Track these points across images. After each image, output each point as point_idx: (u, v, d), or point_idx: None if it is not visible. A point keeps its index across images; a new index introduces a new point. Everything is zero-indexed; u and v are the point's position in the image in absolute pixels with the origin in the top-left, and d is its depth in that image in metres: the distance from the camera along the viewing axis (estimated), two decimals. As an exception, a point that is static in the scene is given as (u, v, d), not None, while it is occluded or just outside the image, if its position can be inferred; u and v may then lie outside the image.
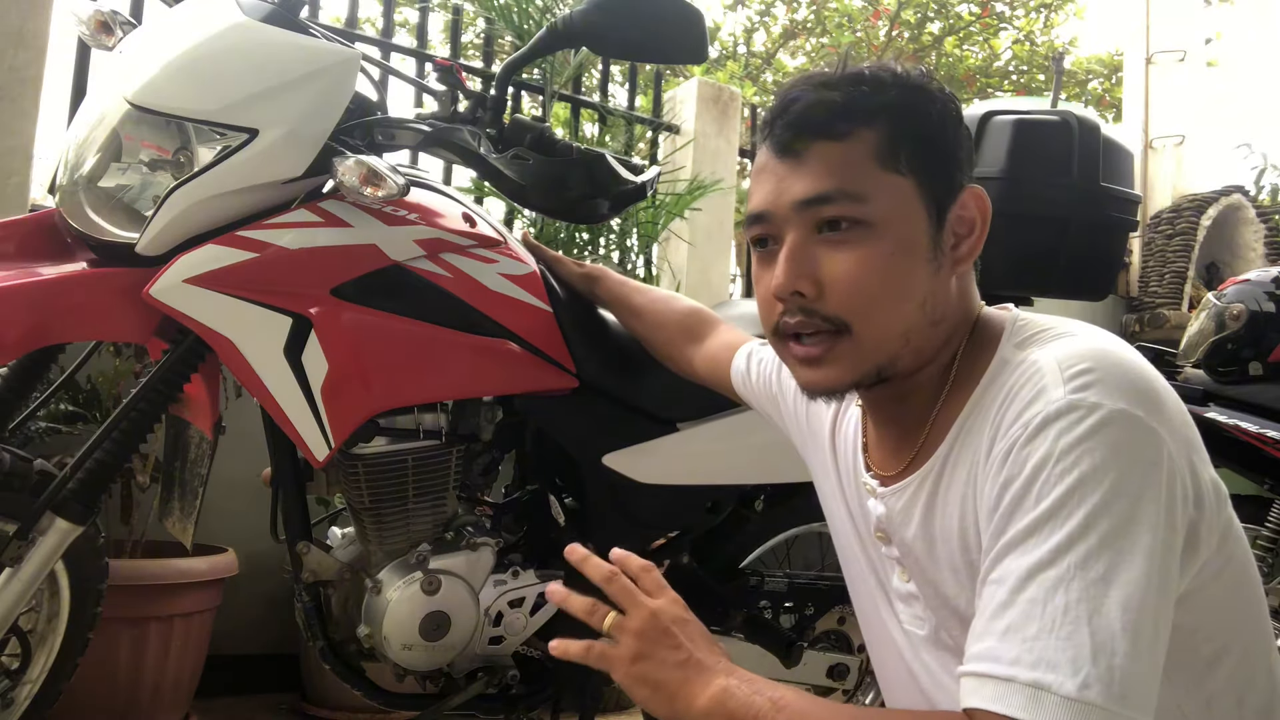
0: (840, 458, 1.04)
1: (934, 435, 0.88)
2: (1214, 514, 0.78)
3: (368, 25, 5.87)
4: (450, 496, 1.43)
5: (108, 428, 1.24)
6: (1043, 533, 0.70)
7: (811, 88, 0.86)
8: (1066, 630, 0.66)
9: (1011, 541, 0.72)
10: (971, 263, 0.89)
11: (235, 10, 1.25)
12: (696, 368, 1.39)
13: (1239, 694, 0.82)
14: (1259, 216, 4.80)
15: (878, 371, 0.85)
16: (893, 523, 0.93)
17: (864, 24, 9.49)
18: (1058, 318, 0.87)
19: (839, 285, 0.83)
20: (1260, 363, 2.30)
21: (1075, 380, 0.74)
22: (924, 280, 0.85)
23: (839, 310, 0.83)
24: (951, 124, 0.88)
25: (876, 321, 0.83)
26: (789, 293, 0.84)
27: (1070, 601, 0.67)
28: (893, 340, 0.84)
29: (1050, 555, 0.69)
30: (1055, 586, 0.68)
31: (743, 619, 1.69)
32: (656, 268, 3.33)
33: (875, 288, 0.83)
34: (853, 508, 1.02)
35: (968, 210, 0.87)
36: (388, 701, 1.45)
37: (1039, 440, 0.73)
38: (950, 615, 0.88)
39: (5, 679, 1.40)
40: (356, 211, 1.29)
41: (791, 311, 0.85)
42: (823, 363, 0.86)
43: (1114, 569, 0.68)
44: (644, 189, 1.42)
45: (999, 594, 0.71)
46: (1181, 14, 5.14)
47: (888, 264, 0.83)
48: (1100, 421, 0.72)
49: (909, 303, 0.84)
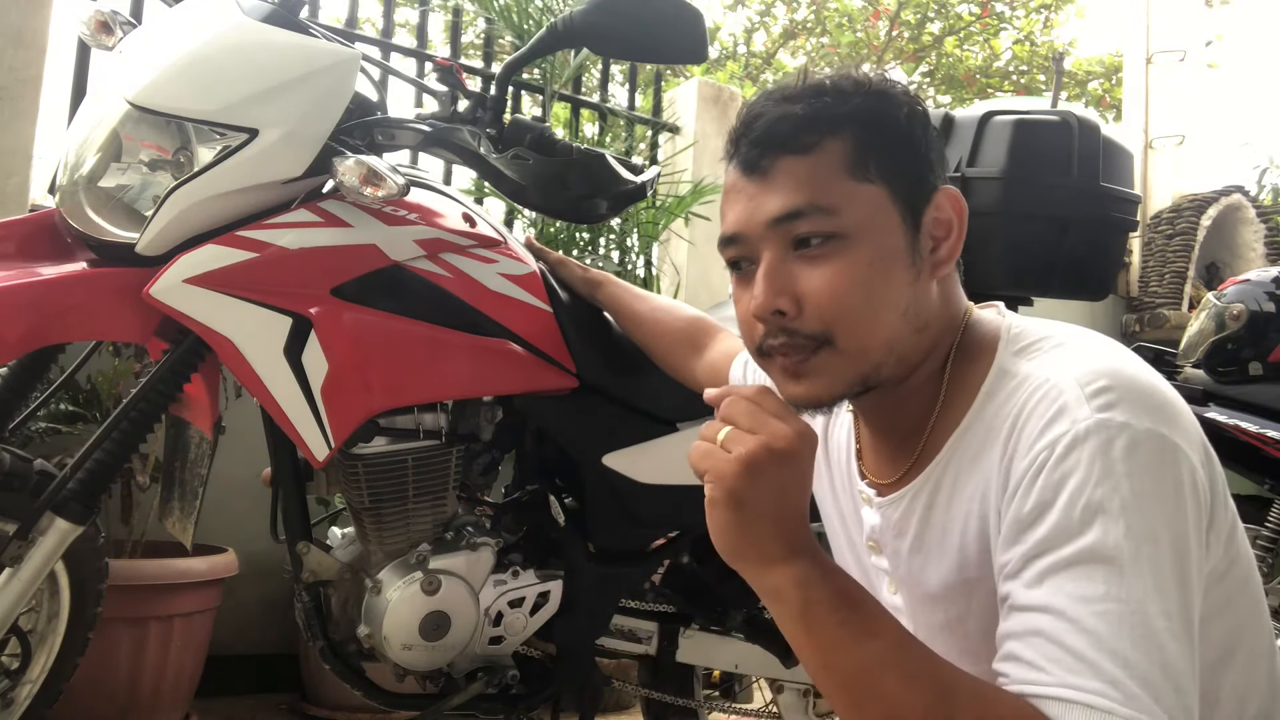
0: (833, 464, 1.03)
1: (931, 444, 0.87)
2: (1220, 517, 0.78)
3: (368, 25, 5.87)
4: (450, 496, 1.43)
5: (108, 428, 1.24)
6: (1091, 563, 0.69)
7: (773, 103, 0.85)
8: (1143, 669, 0.65)
9: (1053, 568, 0.70)
10: (952, 265, 0.87)
11: (235, 10, 1.25)
12: (698, 376, 1.39)
13: (1241, 696, 0.82)
14: (1259, 216, 4.80)
15: (862, 382, 0.84)
16: (886, 533, 0.91)
17: (864, 24, 9.48)
18: (1050, 322, 0.86)
19: (818, 300, 0.81)
20: (1260, 363, 2.30)
21: (1098, 399, 0.73)
22: (904, 288, 0.83)
23: (820, 325, 0.82)
24: (919, 126, 0.86)
25: (858, 332, 0.82)
26: (769, 312, 0.83)
27: (1137, 638, 0.66)
28: (876, 350, 0.83)
29: (1105, 587, 0.68)
30: (1120, 621, 0.67)
31: (743, 619, 1.69)
32: (657, 268, 3.33)
33: (855, 299, 0.81)
34: (846, 514, 1.01)
35: (943, 212, 0.86)
36: (388, 701, 1.45)
37: (1071, 462, 0.71)
38: (938, 630, 0.87)
39: (5, 679, 1.40)
40: (356, 211, 1.29)
41: (773, 332, 0.84)
42: (806, 376, 0.84)
43: (1164, 600, 0.68)
44: (644, 189, 1.43)
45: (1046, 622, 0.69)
46: (1181, 14, 5.13)
47: (866, 275, 0.81)
48: (1131, 443, 0.71)
49: (891, 312, 0.83)
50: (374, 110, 1.38)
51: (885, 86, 0.86)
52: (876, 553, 0.95)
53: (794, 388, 0.85)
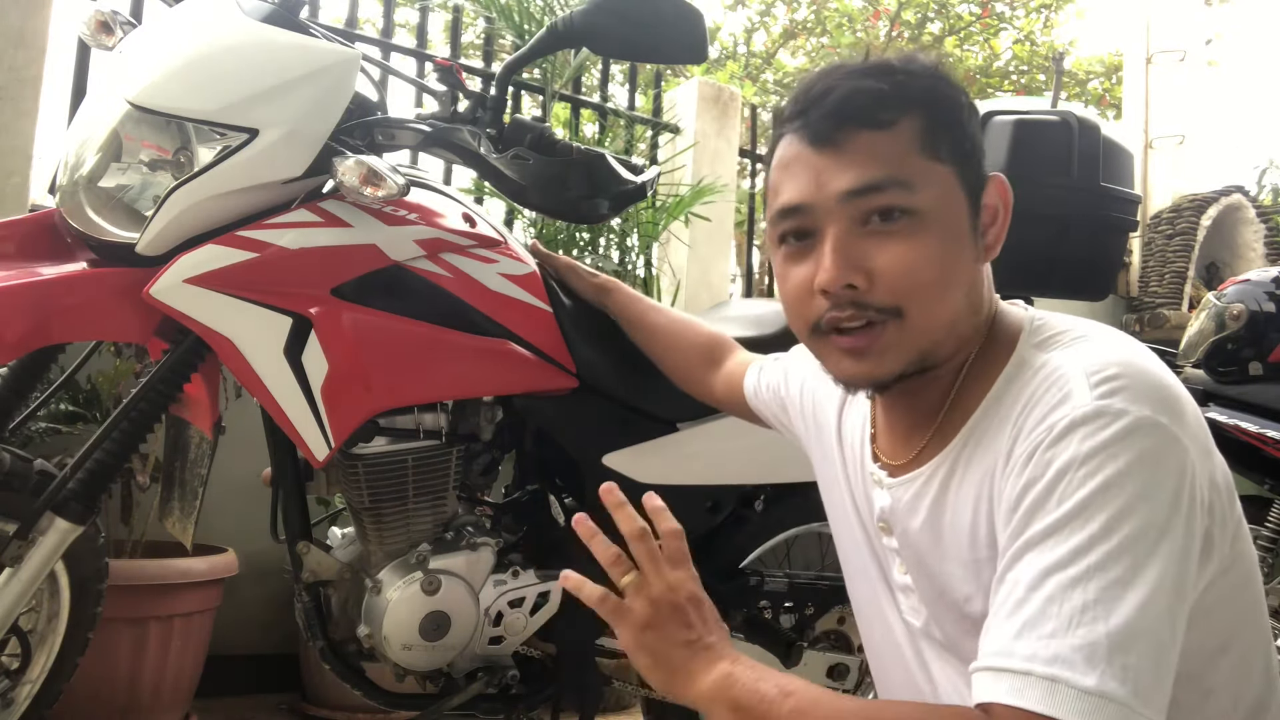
0: (847, 447, 1.04)
1: (947, 428, 0.88)
2: (1226, 515, 0.78)
3: (368, 25, 5.87)
4: (450, 496, 1.43)
5: (108, 428, 1.24)
6: (1062, 534, 0.70)
7: (844, 77, 0.85)
8: (1084, 629, 0.66)
9: (1030, 541, 0.72)
10: (998, 250, 0.89)
11: (235, 10, 1.25)
12: (715, 389, 1.40)
13: (1236, 690, 0.83)
14: (1259, 216, 4.80)
15: (922, 360, 0.85)
16: (897, 514, 0.92)
17: (864, 24, 9.48)
18: (1075, 318, 0.87)
19: (892, 275, 0.82)
20: (1260, 363, 2.30)
21: (1102, 386, 0.74)
22: (968, 268, 0.85)
23: (892, 298, 0.82)
24: (975, 114, 0.89)
25: (929, 308, 0.83)
26: (840, 285, 0.82)
27: (1088, 601, 0.67)
28: (940, 328, 0.84)
29: (1069, 555, 0.69)
30: (1072, 585, 0.68)
31: (743, 619, 1.69)
32: (656, 268, 3.33)
33: (929, 276, 0.82)
34: (857, 497, 1.02)
35: (993, 199, 0.88)
36: (388, 701, 1.45)
37: (1064, 444, 0.73)
38: (946, 610, 0.88)
39: (5, 679, 1.40)
40: (356, 211, 1.29)
41: (841, 305, 0.83)
42: (869, 354, 0.84)
43: (1133, 572, 0.68)
44: (644, 189, 1.43)
45: (1015, 592, 0.71)
46: (1181, 14, 5.13)
47: (939, 252, 0.82)
48: (1126, 428, 0.72)
49: (957, 290, 0.84)
50: (374, 110, 1.38)
51: (946, 72, 0.88)
52: (887, 534, 0.96)
53: (854, 366, 0.86)
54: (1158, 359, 0.80)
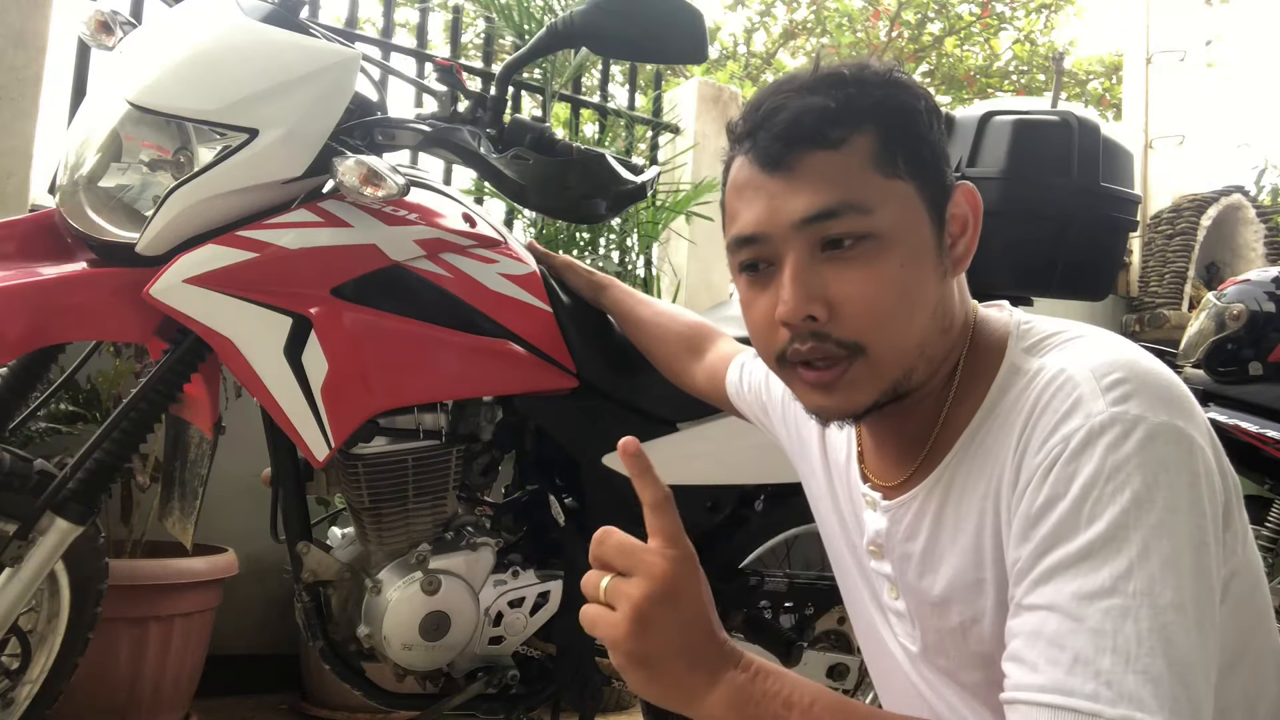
0: (832, 466, 1.01)
1: (940, 445, 0.84)
2: (1237, 517, 0.76)
3: (368, 25, 5.88)
4: (450, 496, 1.43)
5: (108, 428, 1.24)
6: (1099, 557, 0.67)
7: (793, 93, 0.80)
8: (1144, 663, 0.63)
9: (1060, 564, 0.68)
10: (969, 262, 0.85)
11: (235, 10, 1.25)
12: (697, 381, 1.37)
13: (1251, 703, 0.80)
14: (1259, 216, 4.80)
15: (894, 389, 0.81)
16: (894, 538, 0.89)
17: (864, 24, 9.49)
18: (1059, 319, 0.84)
19: (852, 305, 0.77)
20: (1260, 363, 2.30)
21: (1113, 391, 0.71)
22: (934, 287, 0.81)
23: (853, 333, 0.78)
24: (936, 120, 0.83)
25: (892, 341, 0.78)
26: (800, 318, 0.78)
27: (1142, 631, 0.64)
28: (908, 355, 0.80)
29: (1113, 581, 0.66)
30: (1123, 616, 0.64)
31: (743, 619, 1.69)
32: (656, 268, 3.33)
33: (890, 303, 0.78)
34: (846, 518, 0.98)
35: (960, 208, 0.84)
36: (388, 701, 1.45)
37: (1085, 457, 0.69)
38: (944, 638, 0.85)
39: (5, 679, 1.40)
40: (356, 211, 1.29)
41: (802, 338, 0.79)
42: (837, 388, 0.80)
43: (1179, 593, 0.65)
44: (644, 189, 1.43)
45: (1051, 621, 0.67)
46: (1181, 14, 5.13)
47: (901, 276, 0.78)
48: (1147, 436, 0.69)
49: (923, 313, 0.80)
50: (374, 110, 1.38)
51: (902, 77, 0.83)
52: (878, 558, 0.92)
53: (823, 399, 0.82)
54: (1154, 357, 0.77)
